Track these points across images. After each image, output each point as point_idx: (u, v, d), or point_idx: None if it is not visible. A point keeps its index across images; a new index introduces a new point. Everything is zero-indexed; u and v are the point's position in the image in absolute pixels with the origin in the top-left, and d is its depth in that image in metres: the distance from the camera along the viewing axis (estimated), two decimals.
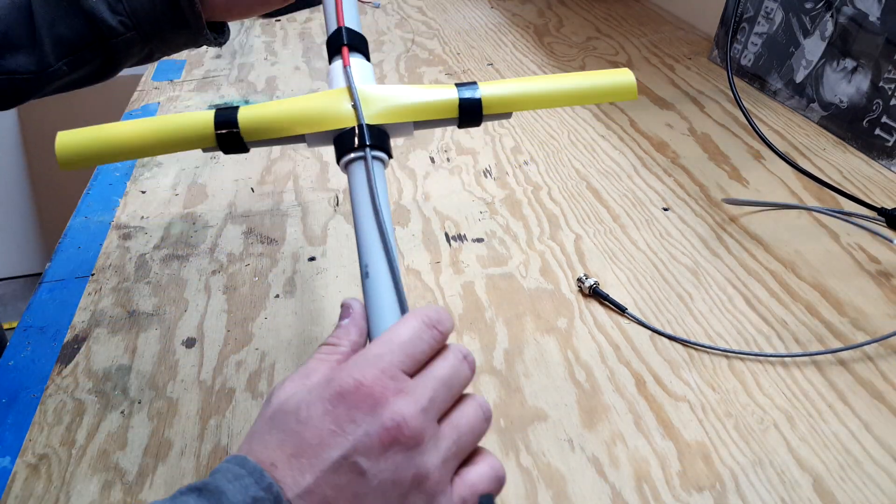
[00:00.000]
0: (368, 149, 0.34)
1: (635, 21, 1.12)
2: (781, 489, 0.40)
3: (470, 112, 0.36)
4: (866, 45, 0.71)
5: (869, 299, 0.53)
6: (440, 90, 0.36)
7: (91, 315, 0.55)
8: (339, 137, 0.35)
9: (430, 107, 0.36)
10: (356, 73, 0.36)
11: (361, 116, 0.35)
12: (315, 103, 0.36)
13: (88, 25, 0.47)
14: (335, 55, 0.38)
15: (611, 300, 0.54)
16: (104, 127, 0.35)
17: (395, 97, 0.35)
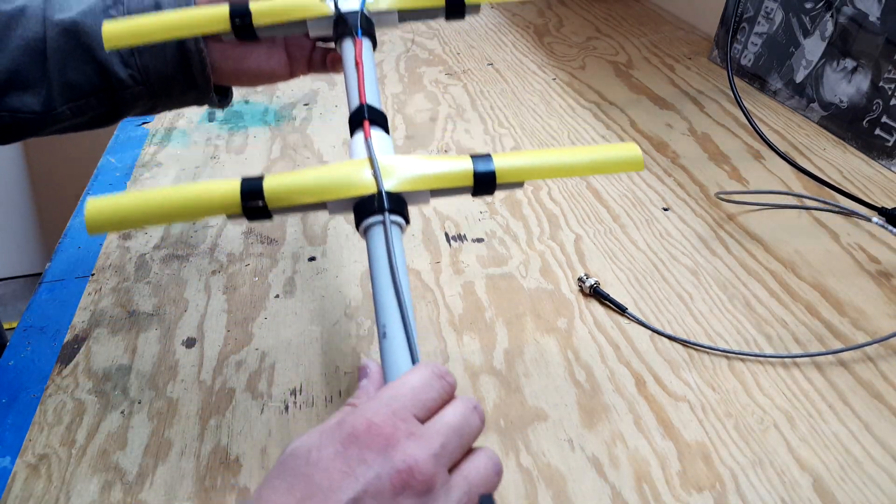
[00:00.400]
0: (387, 213, 0.35)
1: (635, 21, 1.12)
2: (781, 489, 0.40)
3: (484, 182, 0.37)
4: (866, 45, 0.71)
5: (869, 299, 0.53)
6: (456, 161, 0.37)
7: (91, 315, 0.55)
8: (359, 204, 0.36)
9: (446, 177, 0.37)
10: (376, 145, 0.38)
11: (381, 183, 0.36)
12: (337, 172, 0.37)
13: (99, 75, 0.47)
14: (357, 129, 0.39)
15: (611, 300, 0.54)
16: (133, 195, 0.36)
17: (413, 167, 0.37)
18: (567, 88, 0.90)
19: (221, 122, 0.85)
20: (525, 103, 0.86)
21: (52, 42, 0.46)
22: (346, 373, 0.49)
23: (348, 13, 0.42)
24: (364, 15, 0.42)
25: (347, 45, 0.42)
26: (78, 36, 0.46)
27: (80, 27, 0.46)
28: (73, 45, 0.46)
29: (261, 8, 0.43)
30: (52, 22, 0.46)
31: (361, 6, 0.42)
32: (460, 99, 0.88)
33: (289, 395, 0.48)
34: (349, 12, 0.42)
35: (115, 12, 0.47)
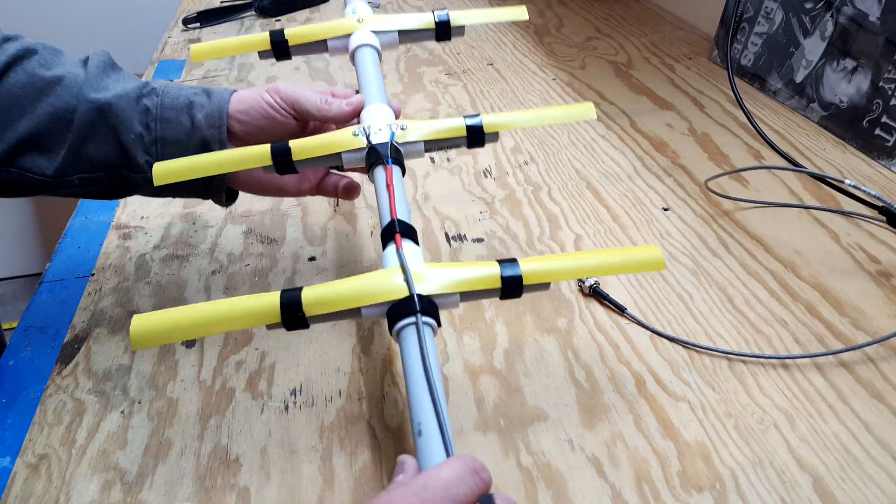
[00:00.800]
0: (419, 315, 0.37)
1: (635, 21, 1.12)
2: (781, 489, 0.40)
3: (511, 286, 0.39)
4: (866, 45, 0.71)
5: (869, 299, 0.53)
6: (484, 267, 0.39)
7: (91, 315, 0.55)
8: (392, 308, 0.38)
9: (475, 282, 0.39)
10: (407, 255, 0.40)
11: (412, 287, 0.38)
12: (371, 280, 0.39)
13: (118, 154, 0.48)
14: (389, 241, 0.42)
15: (610, 300, 0.54)
16: (176, 310, 0.37)
17: (442, 274, 0.39)
18: (567, 88, 0.90)
19: None
20: (525, 103, 0.86)
21: (82, 116, 0.46)
22: (346, 373, 0.49)
23: (379, 145, 0.46)
24: (393, 146, 0.46)
25: (379, 171, 0.46)
26: (108, 116, 0.47)
27: (112, 109, 0.47)
28: (100, 122, 0.47)
29: (300, 146, 0.46)
30: (87, 99, 0.47)
31: (391, 138, 0.46)
32: (460, 99, 0.88)
33: (289, 395, 0.48)
34: (380, 144, 0.46)
35: (149, 102, 0.48)
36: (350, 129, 0.47)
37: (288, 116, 0.50)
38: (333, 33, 0.55)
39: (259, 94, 0.50)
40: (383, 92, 0.51)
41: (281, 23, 1.19)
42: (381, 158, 0.46)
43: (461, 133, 0.48)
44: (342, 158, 0.47)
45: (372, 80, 0.52)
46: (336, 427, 0.45)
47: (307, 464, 0.43)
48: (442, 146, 0.49)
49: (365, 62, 0.53)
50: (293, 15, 1.22)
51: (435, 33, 0.56)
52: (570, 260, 0.41)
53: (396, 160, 0.46)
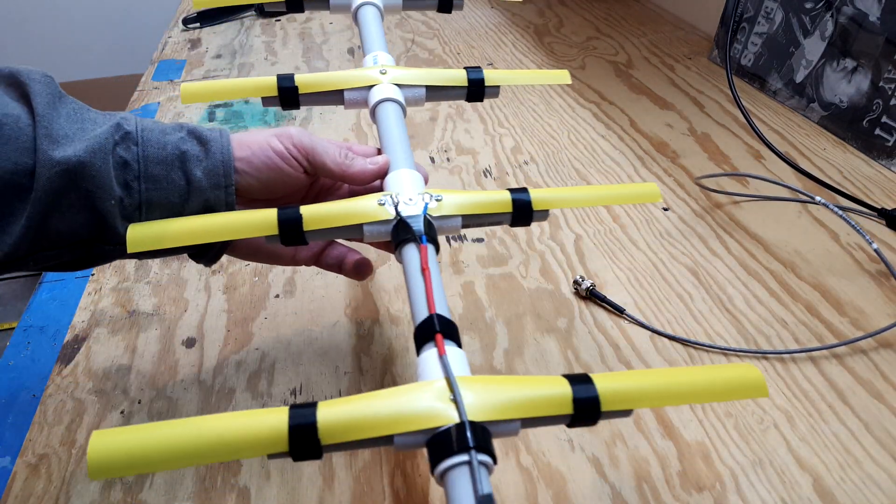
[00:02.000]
0: (474, 451, 0.28)
1: (635, 21, 1.12)
2: (781, 489, 0.40)
3: (586, 409, 0.31)
4: (866, 45, 0.71)
5: (869, 299, 0.53)
6: (553, 386, 0.31)
7: (91, 315, 0.55)
8: (436, 440, 0.29)
9: (540, 402, 0.31)
10: (453, 363, 0.32)
11: (464, 412, 0.29)
12: (407, 400, 0.30)
13: (91, 226, 0.37)
14: (426, 343, 0.33)
15: (608, 301, 0.54)
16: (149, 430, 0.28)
17: (497, 392, 0.31)
18: (567, 88, 0.90)
19: (222, 122, 0.85)
20: (525, 103, 0.87)
21: (45, 183, 0.35)
22: (346, 372, 0.49)
23: (411, 218, 0.38)
24: (427, 220, 0.39)
25: (410, 250, 0.38)
26: (80, 179, 0.36)
27: (85, 169, 0.36)
28: (70, 188, 0.36)
29: (314, 213, 0.38)
30: (48, 158, 0.35)
31: (424, 211, 0.39)
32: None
33: (289, 395, 0.48)
34: (411, 217, 0.39)
35: (126, 153, 0.37)
36: (374, 197, 0.39)
37: (299, 169, 0.42)
38: (352, 84, 0.47)
39: (266, 139, 0.41)
40: (410, 155, 0.44)
41: (281, 22, 1.19)
42: (414, 235, 0.38)
43: (506, 209, 0.40)
44: (363, 231, 0.39)
45: (397, 140, 0.44)
46: None
47: (307, 464, 0.43)
48: (482, 223, 0.41)
49: (388, 119, 0.46)
50: (294, 15, 1.22)
51: (466, 93, 0.49)
52: (656, 377, 0.32)
53: (430, 237, 0.38)
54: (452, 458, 0.28)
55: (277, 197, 0.44)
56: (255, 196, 0.42)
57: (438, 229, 0.40)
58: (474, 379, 0.31)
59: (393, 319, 0.54)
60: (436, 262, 0.38)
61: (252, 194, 0.42)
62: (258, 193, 0.42)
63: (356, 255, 0.46)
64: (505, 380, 0.32)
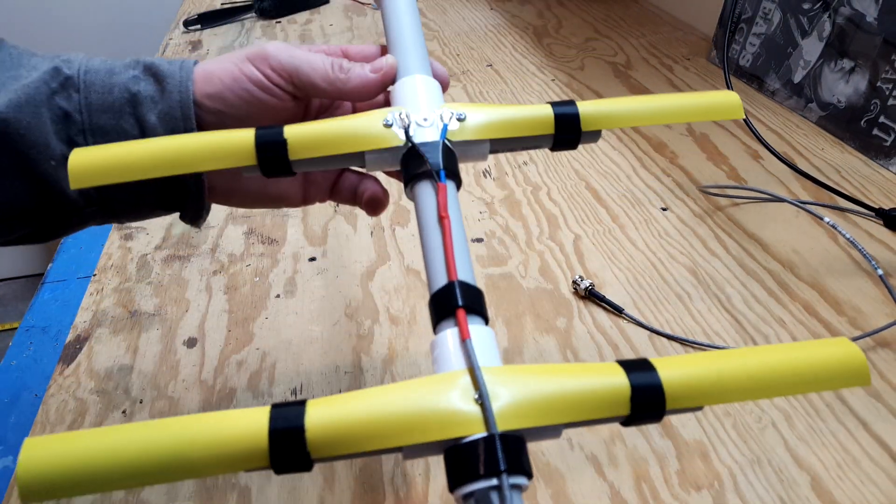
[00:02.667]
0: (505, 476, 0.21)
1: (634, 22, 1.12)
2: (779, 488, 0.40)
3: (648, 406, 0.24)
4: (864, 46, 0.71)
5: (867, 298, 0.54)
6: (606, 378, 0.24)
7: (93, 315, 0.55)
8: (457, 453, 0.22)
9: (590, 399, 0.24)
10: (479, 350, 0.25)
11: (493, 422, 0.22)
12: (419, 397, 0.23)
13: (36, 194, 0.32)
14: (444, 319, 0.26)
15: (607, 301, 0.54)
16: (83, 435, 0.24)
17: (538, 385, 0.24)
18: (566, 89, 0.90)
19: None
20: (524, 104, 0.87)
21: None
22: (347, 372, 0.50)
23: (425, 145, 0.30)
24: (446, 147, 0.30)
25: (425, 190, 0.30)
26: (6, 140, 0.30)
27: (11, 127, 0.30)
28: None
29: (300, 137, 0.31)
30: None
31: (442, 135, 0.30)
32: (460, 99, 0.88)
33: (289, 395, 0.48)
34: (426, 144, 0.30)
35: (67, 103, 0.31)
36: (379, 115, 0.31)
37: (284, 97, 0.35)
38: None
39: (237, 65, 0.34)
40: (425, 54, 0.35)
41: (281, 24, 1.19)
42: (429, 168, 0.29)
43: (548, 129, 0.32)
44: (365, 160, 0.31)
45: (408, 34, 0.35)
46: None
47: None
48: (516, 147, 0.32)
49: (396, 4, 0.36)
50: (294, 17, 1.22)
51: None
52: (737, 362, 0.25)
53: (450, 171, 0.30)
54: (478, 482, 0.21)
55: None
56: None
57: (461, 157, 0.31)
58: (507, 371, 0.24)
59: (393, 319, 0.54)
60: (458, 207, 0.30)
61: None
62: None
63: (371, 186, 0.39)
64: (545, 370, 0.24)
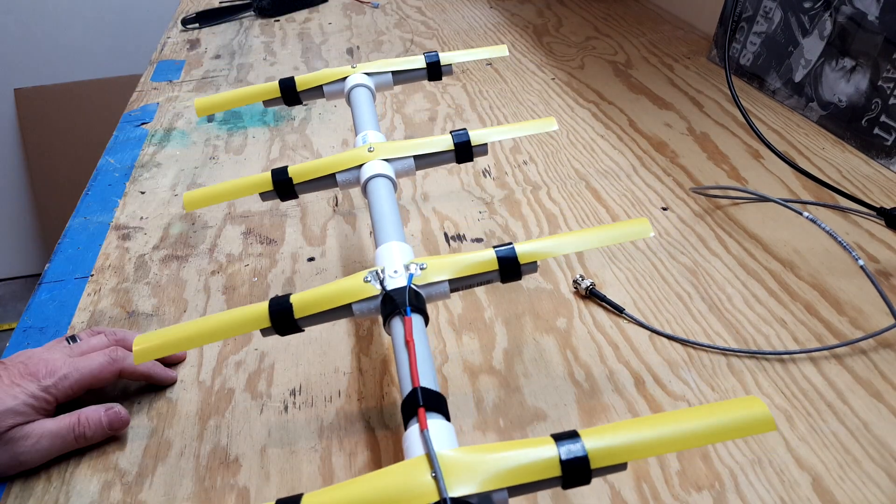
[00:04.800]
0: None
1: (634, 21, 1.12)
2: (780, 488, 0.40)
3: (576, 471, 0.30)
4: (865, 45, 0.71)
5: (868, 298, 0.53)
6: (539, 449, 0.31)
7: (90, 315, 0.55)
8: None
9: (526, 470, 0.30)
10: (436, 437, 0.32)
11: (444, 489, 0.29)
12: (389, 481, 0.30)
13: None
14: (411, 418, 0.33)
15: (608, 301, 0.54)
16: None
17: (486, 462, 0.30)
18: (566, 88, 0.90)
19: (221, 122, 0.85)
20: (524, 103, 0.87)
21: None
22: (346, 373, 0.49)
23: (395, 291, 0.39)
24: (412, 290, 0.39)
25: (396, 323, 0.38)
26: None
27: None
28: None
29: (303, 300, 0.40)
30: None
31: (408, 281, 0.39)
32: (459, 99, 0.88)
33: (288, 396, 0.48)
34: (396, 290, 0.39)
35: None
36: (360, 275, 0.41)
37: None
38: (343, 166, 0.50)
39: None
40: (400, 228, 0.45)
41: (280, 23, 1.19)
42: (399, 307, 0.38)
43: (492, 266, 0.40)
44: (353, 309, 0.40)
45: (387, 214, 0.45)
46: (335, 427, 0.45)
47: (307, 464, 0.43)
48: (471, 283, 0.41)
49: (378, 193, 0.47)
50: (293, 16, 1.22)
51: (455, 155, 0.52)
52: (650, 428, 0.31)
53: (417, 308, 0.39)
54: None
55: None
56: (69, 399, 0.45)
57: (427, 298, 0.40)
58: (459, 450, 0.31)
59: None
60: (423, 332, 0.38)
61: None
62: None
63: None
64: (490, 448, 0.31)
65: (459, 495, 0.29)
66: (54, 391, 0.43)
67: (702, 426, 0.30)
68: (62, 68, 1.96)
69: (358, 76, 0.57)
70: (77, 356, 0.45)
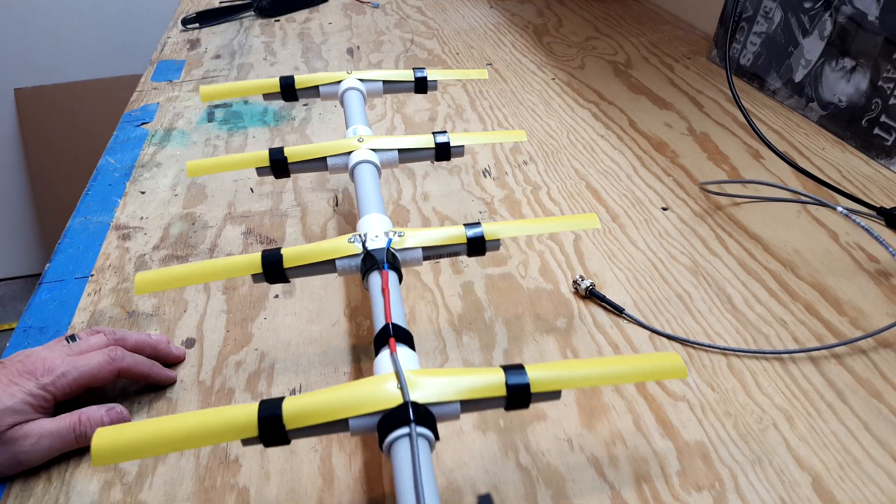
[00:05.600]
0: (413, 425, 0.33)
1: (634, 21, 1.12)
2: (780, 488, 0.40)
3: (517, 395, 0.36)
4: (865, 45, 0.71)
5: (868, 298, 0.53)
6: (488, 375, 0.36)
7: (91, 315, 0.55)
8: (383, 418, 0.34)
9: (477, 389, 0.36)
10: (402, 360, 0.37)
11: (407, 394, 0.34)
12: (361, 389, 0.35)
13: None
14: (382, 347, 0.39)
15: (608, 301, 0.54)
16: (143, 424, 0.34)
17: (441, 382, 0.36)
18: (566, 88, 0.90)
19: (221, 122, 0.85)
20: (524, 103, 0.87)
21: None
22: (345, 373, 0.49)
23: (375, 251, 0.45)
24: (390, 252, 0.45)
25: (374, 276, 0.44)
26: None
27: None
28: None
29: (292, 253, 0.45)
30: None
31: (388, 244, 0.46)
32: (459, 99, 0.88)
33: (288, 395, 0.48)
34: (376, 250, 0.45)
35: None
36: (345, 237, 0.46)
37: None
38: (334, 151, 0.56)
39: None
40: (381, 204, 0.51)
41: (280, 23, 1.19)
42: (377, 264, 0.44)
43: (461, 241, 0.46)
44: (336, 265, 0.45)
45: (371, 193, 0.52)
46: None
47: (307, 464, 0.43)
48: (441, 253, 0.47)
49: (363, 176, 0.54)
50: (293, 15, 1.22)
51: (434, 153, 0.57)
52: (584, 368, 0.37)
53: (393, 266, 0.45)
54: (396, 431, 0.33)
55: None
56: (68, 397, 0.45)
57: (402, 261, 0.46)
58: (421, 371, 0.36)
59: None
60: (397, 286, 0.43)
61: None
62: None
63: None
64: (449, 371, 0.37)
65: (420, 401, 0.34)
66: (52, 389, 0.43)
67: (623, 369, 0.37)
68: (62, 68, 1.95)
69: (351, 80, 0.63)
70: (76, 355, 0.45)
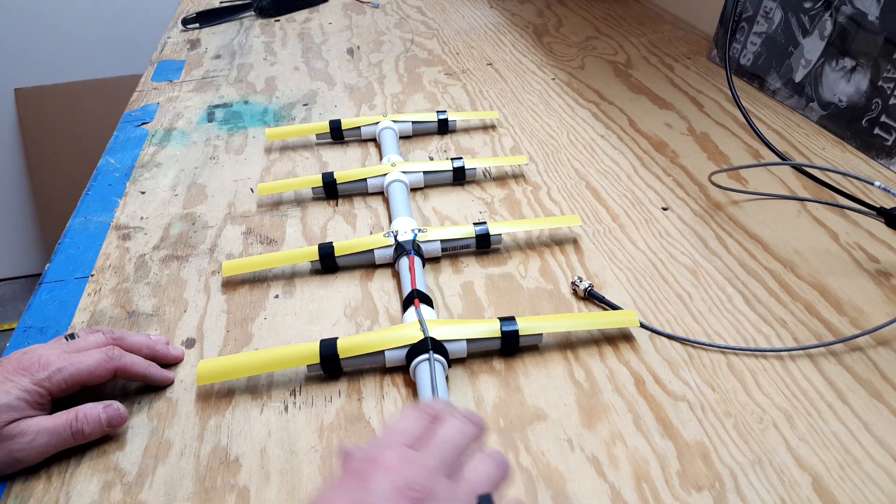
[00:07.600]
0: (432, 353, 0.46)
1: (634, 21, 1.12)
2: (781, 488, 0.40)
3: (509, 338, 0.49)
4: (865, 45, 0.71)
5: (868, 298, 0.53)
6: (487, 324, 0.49)
7: (91, 315, 0.55)
8: (410, 350, 0.48)
9: (479, 333, 0.49)
10: (424, 312, 0.50)
11: (427, 332, 0.48)
12: (393, 331, 0.49)
13: None
14: (409, 305, 0.51)
15: (607, 302, 0.54)
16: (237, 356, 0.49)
17: (452, 327, 0.49)
18: (566, 88, 0.90)
19: (221, 122, 0.85)
20: (524, 103, 0.87)
21: None
22: (346, 373, 0.49)
23: (404, 242, 0.58)
24: (416, 243, 0.58)
25: (403, 260, 0.57)
26: None
27: None
28: None
29: (343, 244, 0.58)
30: None
31: (414, 237, 0.58)
32: (459, 99, 0.88)
33: (288, 396, 0.48)
34: (405, 241, 0.58)
35: None
36: (381, 234, 0.59)
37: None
38: (376, 172, 0.69)
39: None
40: (409, 210, 0.64)
41: (280, 23, 1.19)
42: (405, 250, 0.57)
43: (471, 236, 0.59)
44: (374, 254, 0.58)
45: (400, 203, 0.64)
46: (336, 427, 0.45)
47: (307, 464, 0.43)
48: (455, 246, 0.60)
49: (395, 190, 0.66)
50: (293, 16, 1.22)
51: (452, 175, 0.70)
52: (557, 320, 0.50)
53: (418, 253, 0.57)
54: (418, 357, 0.47)
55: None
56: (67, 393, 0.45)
57: (426, 251, 0.59)
58: (437, 321, 0.50)
59: (392, 319, 0.54)
60: (421, 268, 0.56)
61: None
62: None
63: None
64: (458, 321, 0.50)
65: (437, 337, 0.48)
66: (47, 384, 0.43)
67: (587, 321, 0.50)
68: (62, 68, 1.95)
69: (387, 121, 0.77)
70: (73, 353, 0.45)
